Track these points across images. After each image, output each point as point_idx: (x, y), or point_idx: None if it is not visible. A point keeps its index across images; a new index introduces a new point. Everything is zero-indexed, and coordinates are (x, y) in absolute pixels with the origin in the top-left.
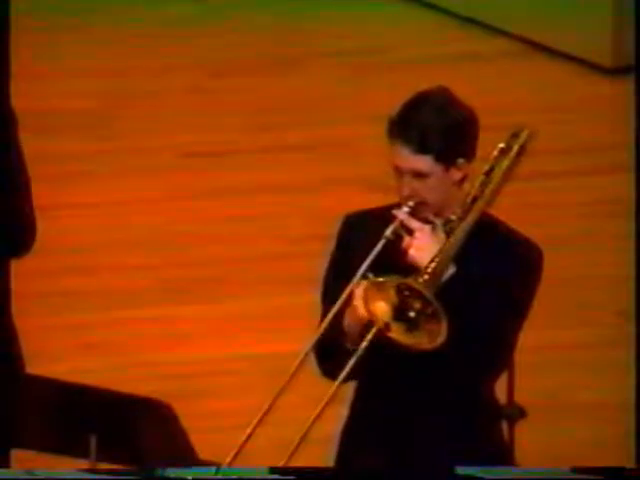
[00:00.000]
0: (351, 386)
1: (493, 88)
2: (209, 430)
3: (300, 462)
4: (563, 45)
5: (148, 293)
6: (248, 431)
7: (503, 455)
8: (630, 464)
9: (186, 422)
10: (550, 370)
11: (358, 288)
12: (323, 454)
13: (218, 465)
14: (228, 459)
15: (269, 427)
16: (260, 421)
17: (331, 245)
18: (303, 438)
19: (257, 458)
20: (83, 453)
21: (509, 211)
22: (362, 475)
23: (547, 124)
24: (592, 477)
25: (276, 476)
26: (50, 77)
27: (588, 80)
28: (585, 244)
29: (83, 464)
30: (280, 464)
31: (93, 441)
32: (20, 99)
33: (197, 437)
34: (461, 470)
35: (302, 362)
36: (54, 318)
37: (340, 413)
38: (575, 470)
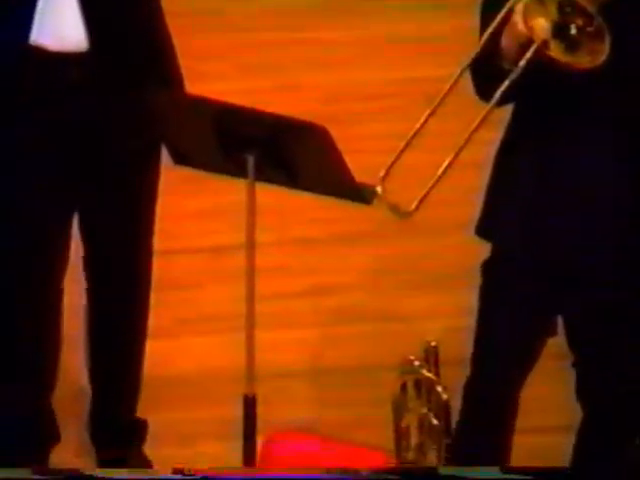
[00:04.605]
0: (508, 110)
1: None
2: (362, 153)
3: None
4: None
5: None
6: (397, 153)
7: None
8: None
9: (340, 145)
10: None
11: (518, 4)
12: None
13: None
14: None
15: (419, 152)
16: (408, 144)
17: None
18: (454, 160)
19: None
20: (241, 172)
21: None
22: None
23: None
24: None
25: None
26: None
27: None
28: None
29: (242, 183)
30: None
31: (250, 161)
32: None
33: (351, 159)
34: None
35: (455, 84)
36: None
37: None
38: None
